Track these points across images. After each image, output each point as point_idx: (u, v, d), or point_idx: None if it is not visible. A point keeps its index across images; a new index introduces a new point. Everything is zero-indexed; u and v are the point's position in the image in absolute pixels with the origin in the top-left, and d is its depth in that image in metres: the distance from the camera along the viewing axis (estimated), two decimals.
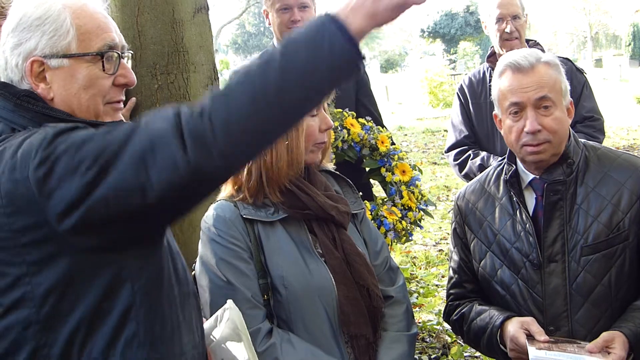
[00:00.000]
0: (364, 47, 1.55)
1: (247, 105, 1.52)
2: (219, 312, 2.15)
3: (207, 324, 2.15)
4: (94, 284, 1.67)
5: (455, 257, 2.81)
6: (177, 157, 1.51)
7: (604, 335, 2.36)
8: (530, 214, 2.56)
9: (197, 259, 2.36)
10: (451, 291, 2.85)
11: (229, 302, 2.16)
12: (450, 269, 2.87)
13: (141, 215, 1.61)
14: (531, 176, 2.56)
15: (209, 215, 2.37)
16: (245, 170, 2.35)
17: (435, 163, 13.43)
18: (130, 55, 1.93)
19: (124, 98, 1.95)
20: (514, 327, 2.46)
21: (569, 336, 2.46)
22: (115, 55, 1.86)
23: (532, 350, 2.34)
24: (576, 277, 2.46)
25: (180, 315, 1.85)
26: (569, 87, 2.54)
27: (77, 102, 1.81)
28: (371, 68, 48.58)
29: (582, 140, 2.65)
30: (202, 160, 1.52)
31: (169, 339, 1.79)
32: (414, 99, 27.32)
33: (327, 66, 1.52)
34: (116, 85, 1.89)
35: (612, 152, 2.62)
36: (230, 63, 41.63)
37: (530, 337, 2.42)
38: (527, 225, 2.53)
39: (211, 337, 2.11)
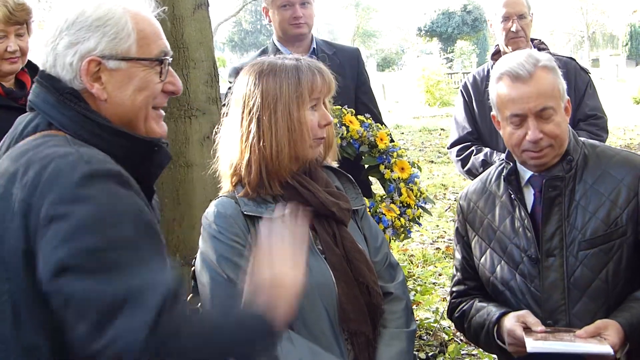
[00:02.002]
0: None
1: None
2: None
3: None
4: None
5: (458, 255, 2.87)
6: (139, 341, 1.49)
7: (598, 322, 2.39)
8: (529, 210, 2.58)
9: (198, 255, 2.35)
10: (454, 289, 2.90)
11: None
12: (454, 267, 2.92)
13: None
14: (530, 173, 2.60)
15: (210, 211, 2.36)
16: (245, 163, 2.34)
17: (432, 161, 13.44)
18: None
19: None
20: (510, 322, 2.51)
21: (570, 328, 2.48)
22: (168, 62, 1.88)
23: (529, 341, 2.36)
24: (574, 272, 2.49)
25: None
26: (565, 86, 2.56)
27: (131, 104, 1.81)
28: (368, 67, 48.54)
29: (582, 138, 2.68)
30: None
31: None
32: (410, 98, 27.31)
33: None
34: (164, 92, 1.90)
35: (610, 149, 2.65)
36: (227, 61, 41.56)
37: (527, 329, 2.45)
38: (526, 221, 2.56)
39: None
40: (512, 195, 2.62)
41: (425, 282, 6.68)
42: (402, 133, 17.53)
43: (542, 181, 2.55)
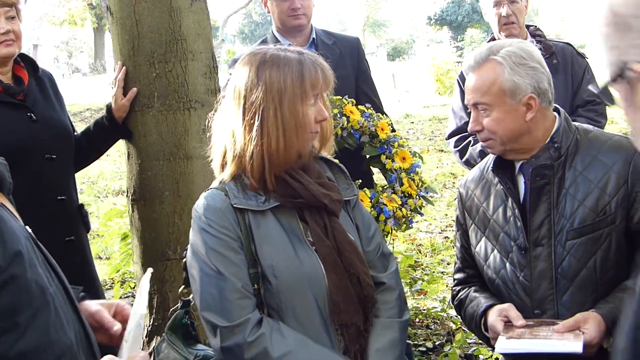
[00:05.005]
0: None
1: None
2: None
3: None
4: None
5: (458, 243, 2.89)
6: None
7: (577, 316, 2.38)
8: (522, 199, 2.57)
9: (189, 247, 2.35)
10: (455, 276, 2.93)
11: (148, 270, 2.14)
12: (455, 254, 2.94)
13: None
14: (520, 161, 2.58)
15: (200, 204, 2.36)
16: (248, 156, 2.32)
17: (441, 150, 13.39)
18: None
19: None
20: (493, 317, 2.53)
21: (556, 319, 2.47)
22: None
23: (500, 341, 2.39)
24: (562, 261, 2.48)
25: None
26: (523, 85, 2.49)
27: None
28: (378, 56, 48.41)
29: (576, 123, 2.65)
30: None
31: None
32: (421, 87, 27.22)
33: None
34: None
35: (603, 135, 2.62)
36: (237, 53, 41.53)
37: (509, 323, 2.45)
38: (516, 211, 2.55)
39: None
40: (502, 184, 2.62)
41: (433, 271, 6.67)
42: (412, 122, 17.48)
43: (531, 170, 2.54)
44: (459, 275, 2.88)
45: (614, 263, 2.47)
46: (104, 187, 11.75)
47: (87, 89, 24.52)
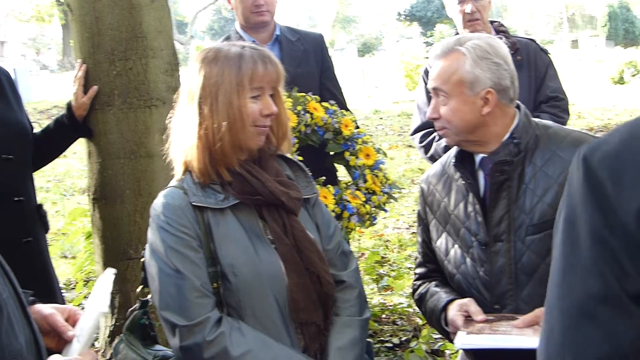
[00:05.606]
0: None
1: None
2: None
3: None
4: None
5: (419, 238, 2.87)
6: None
7: (537, 311, 2.38)
8: (482, 194, 2.58)
9: (147, 246, 2.33)
10: (416, 271, 2.92)
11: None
12: (417, 249, 2.92)
13: None
14: (480, 156, 2.59)
15: (158, 202, 2.34)
16: (189, 150, 2.32)
17: (410, 146, 13.42)
18: None
19: None
20: (453, 311, 2.52)
21: (516, 313, 2.48)
22: None
23: (459, 337, 2.38)
24: (521, 256, 2.48)
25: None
26: (483, 79, 2.49)
27: None
28: (348, 52, 48.47)
29: (537, 119, 2.66)
30: None
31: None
32: (390, 83, 27.32)
33: None
34: None
35: (562, 130, 2.63)
36: None
37: (469, 317, 2.45)
38: (477, 206, 2.56)
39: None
40: (463, 179, 2.62)
41: (400, 267, 6.69)
42: (381, 118, 17.54)
43: (490, 165, 2.54)
44: (420, 270, 2.88)
45: None
46: (71, 186, 11.63)
47: (55, 86, 24.29)
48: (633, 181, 1.08)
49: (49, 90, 22.81)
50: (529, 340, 2.28)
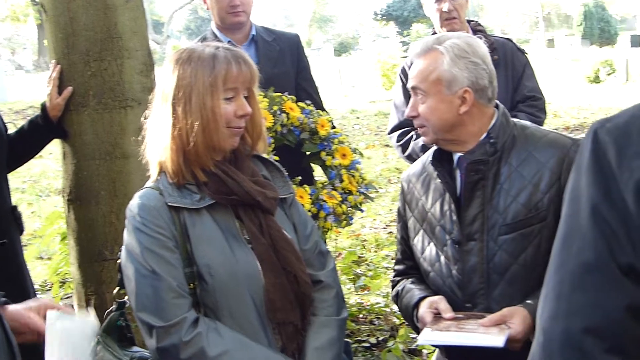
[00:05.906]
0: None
1: None
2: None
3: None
4: None
5: (398, 235, 2.90)
6: None
7: (504, 310, 2.41)
8: (459, 193, 2.59)
9: (123, 248, 2.32)
10: (395, 267, 2.96)
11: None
12: (396, 246, 2.96)
13: None
14: (457, 155, 2.60)
15: (134, 203, 2.33)
16: (163, 151, 2.32)
17: (387, 145, 13.46)
18: None
19: None
20: (423, 309, 2.55)
21: (487, 312, 2.50)
22: None
23: (424, 333, 2.41)
24: (494, 256, 2.50)
25: None
26: (461, 78, 2.51)
27: None
28: (325, 52, 48.48)
29: (515, 119, 2.68)
30: None
31: None
32: (367, 82, 27.36)
33: None
34: None
35: (539, 131, 2.65)
36: None
37: (438, 314, 2.48)
38: (452, 205, 2.57)
39: None
40: (439, 177, 2.63)
41: (377, 267, 6.70)
42: (358, 117, 17.56)
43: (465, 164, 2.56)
44: (398, 267, 2.91)
45: (544, 259, 2.47)
46: (46, 186, 11.55)
47: (31, 86, 24.08)
48: (636, 153, 1.11)
49: (24, 90, 22.61)
50: (493, 338, 2.29)
